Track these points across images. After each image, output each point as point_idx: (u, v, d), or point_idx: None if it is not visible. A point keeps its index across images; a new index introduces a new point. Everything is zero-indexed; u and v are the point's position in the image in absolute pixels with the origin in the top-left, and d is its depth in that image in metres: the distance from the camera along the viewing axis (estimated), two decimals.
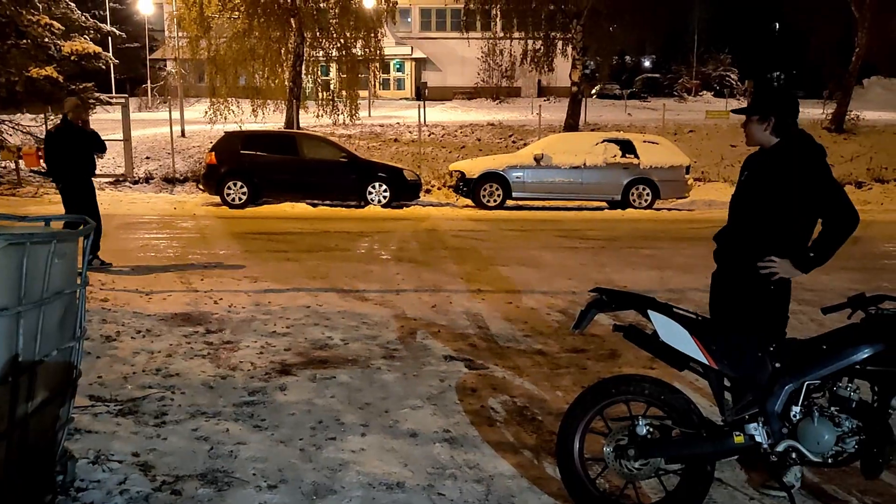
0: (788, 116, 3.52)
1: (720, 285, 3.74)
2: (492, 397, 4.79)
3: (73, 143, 8.76)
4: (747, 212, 3.59)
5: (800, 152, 3.47)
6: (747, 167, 3.69)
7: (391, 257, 10.15)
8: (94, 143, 9.03)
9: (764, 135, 3.55)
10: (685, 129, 27.91)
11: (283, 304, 7.26)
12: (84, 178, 8.91)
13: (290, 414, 4.43)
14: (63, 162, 8.75)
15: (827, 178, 3.43)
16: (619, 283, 8.56)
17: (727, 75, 51.25)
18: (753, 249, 3.51)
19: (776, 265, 3.45)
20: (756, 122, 3.56)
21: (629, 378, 3.24)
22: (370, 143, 24.38)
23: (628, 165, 16.79)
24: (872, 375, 2.92)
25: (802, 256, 3.42)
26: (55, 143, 8.83)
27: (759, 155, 3.64)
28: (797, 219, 3.47)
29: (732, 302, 3.62)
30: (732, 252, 3.64)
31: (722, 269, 3.75)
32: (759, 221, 3.51)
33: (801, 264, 3.43)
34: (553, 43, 28.99)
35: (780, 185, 3.45)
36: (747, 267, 3.52)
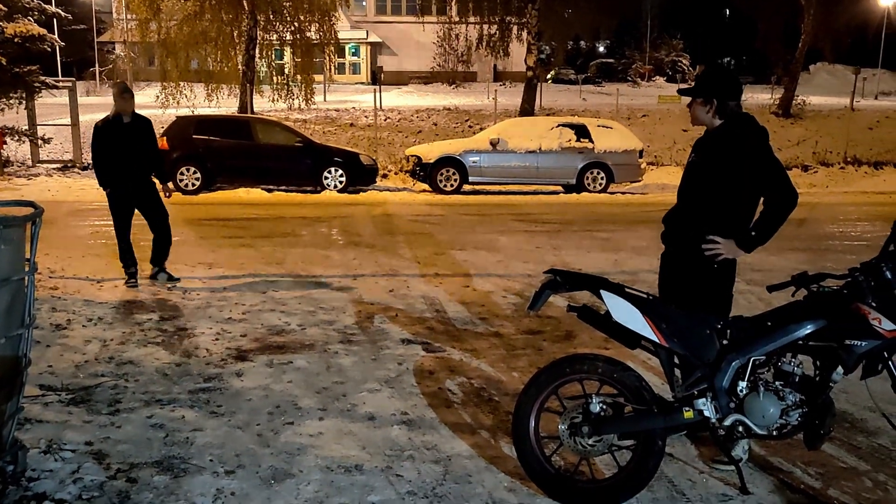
0: (730, 98, 3.57)
1: (668, 266, 3.81)
2: (449, 379, 4.84)
3: (122, 140, 7.19)
4: (692, 194, 3.66)
5: (742, 134, 3.54)
6: (695, 150, 3.76)
7: (348, 242, 10.12)
8: (150, 139, 7.45)
9: (707, 116, 3.61)
10: (639, 113, 28.24)
11: (239, 291, 7.20)
12: (139, 184, 7.33)
13: (247, 399, 4.42)
14: (111, 163, 7.21)
15: (769, 159, 3.50)
16: (574, 265, 8.66)
17: (679, 61, 51.98)
18: (698, 231, 3.58)
19: (720, 246, 3.52)
20: (699, 104, 3.61)
21: (583, 357, 3.31)
22: (326, 128, 24.18)
23: (583, 150, 16.94)
24: (814, 350, 3.02)
25: (745, 236, 3.50)
26: (101, 141, 7.27)
27: (705, 137, 3.71)
28: (740, 199, 3.54)
29: (679, 282, 3.69)
30: (679, 233, 3.71)
31: (669, 251, 3.82)
32: (704, 203, 3.57)
33: (744, 244, 3.50)
34: (508, 27, 29.05)
35: (723, 167, 3.51)
36: (693, 248, 3.59)
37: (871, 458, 3.75)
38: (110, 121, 7.25)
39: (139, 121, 7.37)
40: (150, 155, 7.43)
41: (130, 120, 7.26)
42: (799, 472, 3.58)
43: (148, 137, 7.43)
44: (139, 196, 7.33)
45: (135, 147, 7.24)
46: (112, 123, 7.25)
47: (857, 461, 3.70)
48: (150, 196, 7.41)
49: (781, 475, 3.55)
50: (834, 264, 8.79)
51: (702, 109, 3.61)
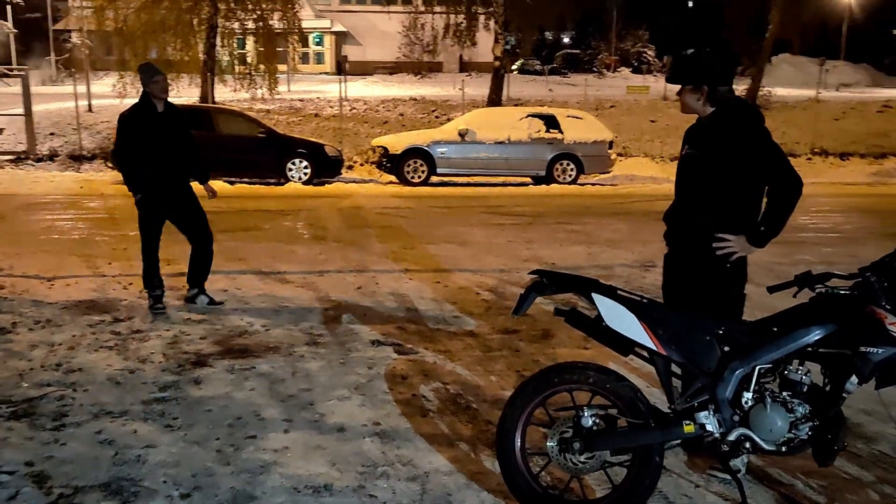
0: (721, 83, 3.33)
1: (674, 268, 3.54)
2: (423, 385, 4.55)
3: (155, 133, 5.90)
4: (693, 188, 3.41)
5: (736, 121, 3.30)
6: (688, 140, 3.50)
7: (314, 237, 9.76)
8: (187, 133, 6.21)
9: (698, 104, 3.36)
10: (606, 104, 28.18)
11: None
12: (175, 189, 6.09)
13: (206, 410, 4.08)
14: (142, 162, 5.88)
15: (767, 145, 3.26)
16: (548, 259, 8.44)
17: (645, 52, 52.06)
18: (704, 228, 3.33)
19: (732, 243, 3.29)
20: (689, 91, 3.36)
21: (572, 366, 3.04)
22: (290, 119, 23.68)
23: (552, 140, 16.72)
24: (824, 358, 2.79)
25: (755, 231, 3.27)
26: (129, 134, 5.92)
27: (697, 126, 3.46)
28: (743, 191, 3.30)
29: (689, 285, 3.43)
30: (684, 232, 3.45)
31: (675, 251, 3.55)
32: (706, 198, 3.33)
33: (755, 239, 3.27)
34: (475, 17, 28.72)
35: (721, 158, 3.27)
36: (702, 247, 3.34)
37: (874, 466, 3.55)
38: (139, 109, 5.96)
39: (174, 110, 6.15)
40: (188, 151, 6.19)
41: (164, 109, 5.99)
42: (801, 485, 3.36)
43: (185, 130, 6.20)
44: (174, 203, 6.08)
45: (170, 142, 5.96)
46: (141, 112, 5.94)
47: (859, 471, 3.50)
48: (189, 203, 6.18)
49: (783, 489, 3.33)
50: (810, 256, 8.68)
51: (692, 97, 3.35)
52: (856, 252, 8.99)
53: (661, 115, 27.07)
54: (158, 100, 5.94)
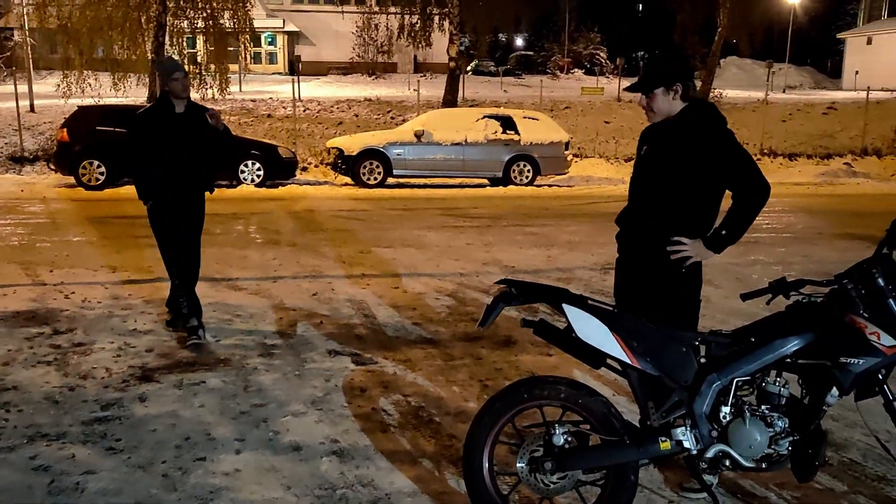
0: (691, 79, 3.25)
1: (626, 273, 3.44)
2: (383, 397, 4.36)
3: (174, 136, 5.29)
4: (651, 189, 3.27)
5: (700, 120, 3.18)
6: (646, 140, 3.36)
7: (267, 241, 9.49)
8: (219, 143, 5.53)
9: (673, 104, 3.21)
10: (561, 105, 28.26)
11: (145, 297, 6.55)
12: (188, 198, 5.47)
13: (151, 430, 3.84)
14: (156, 167, 5.30)
15: (733, 147, 3.15)
16: (507, 262, 8.32)
17: (597, 54, 52.53)
18: (659, 231, 3.21)
19: (687, 247, 3.16)
20: (662, 93, 3.20)
21: (542, 381, 2.89)
22: (242, 119, 23.20)
23: (509, 142, 16.65)
24: (802, 369, 2.69)
25: (714, 235, 3.15)
26: (144, 136, 5.35)
27: (659, 126, 3.30)
28: (703, 194, 3.18)
29: (641, 290, 3.31)
30: (637, 235, 3.33)
31: (627, 255, 3.45)
32: (665, 200, 3.20)
33: (713, 244, 3.15)
34: (430, 17, 28.59)
35: (683, 157, 3.15)
36: (655, 251, 3.22)
37: (845, 476, 3.46)
38: (156, 109, 5.38)
39: (196, 112, 5.41)
40: (206, 158, 5.55)
41: (184, 110, 5.36)
42: (774, 497, 3.25)
43: (206, 134, 5.44)
44: (182, 212, 5.47)
45: (187, 146, 5.33)
46: (159, 113, 5.35)
47: (831, 480, 3.41)
48: (196, 216, 5.58)
49: (756, 501, 3.23)
50: (764, 257, 8.72)
51: (665, 98, 3.19)
52: (808, 252, 9.06)
53: (616, 117, 27.26)
54: (179, 100, 5.30)
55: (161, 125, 5.31)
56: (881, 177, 20.33)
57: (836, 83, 46.70)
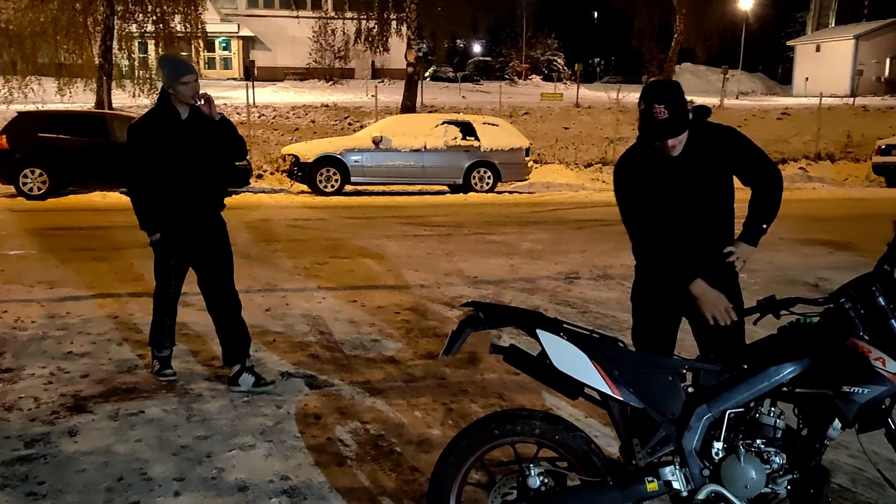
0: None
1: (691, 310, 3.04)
2: (339, 425, 4.03)
3: (178, 149, 4.36)
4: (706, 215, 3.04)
5: (719, 133, 3.03)
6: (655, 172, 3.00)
7: None
8: (226, 144, 4.53)
9: (683, 138, 2.95)
10: (520, 111, 28.20)
11: (84, 316, 6.12)
12: (202, 225, 4.55)
13: (80, 471, 3.45)
14: (157, 189, 4.39)
15: (751, 142, 3.06)
16: (469, 273, 8.04)
17: (554, 60, 52.77)
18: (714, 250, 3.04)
19: (737, 253, 3.01)
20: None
21: (515, 415, 2.60)
22: None
23: (469, 148, 16.42)
24: (800, 398, 2.45)
25: (755, 231, 3.03)
26: (141, 151, 4.39)
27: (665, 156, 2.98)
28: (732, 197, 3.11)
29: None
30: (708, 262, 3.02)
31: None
32: (722, 219, 3.06)
33: (753, 240, 3.04)
34: (387, 22, 28.29)
35: (722, 170, 3.02)
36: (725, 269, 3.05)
37: (835, 502, 3.25)
38: (157, 117, 4.40)
39: (202, 118, 4.40)
40: (219, 173, 4.67)
41: (189, 115, 4.41)
42: None
43: (216, 145, 4.49)
44: (197, 242, 4.54)
45: (201, 159, 4.42)
46: (160, 121, 4.38)
47: None
48: (216, 244, 4.61)
49: None
50: None
51: (683, 137, 2.93)
52: (772, 259, 8.96)
53: (574, 123, 27.28)
54: (184, 106, 4.38)
55: (164, 135, 4.32)
56: (835, 181, 20.59)
57: (786, 89, 47.61)
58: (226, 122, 4.46)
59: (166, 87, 4.37)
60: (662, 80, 3.00)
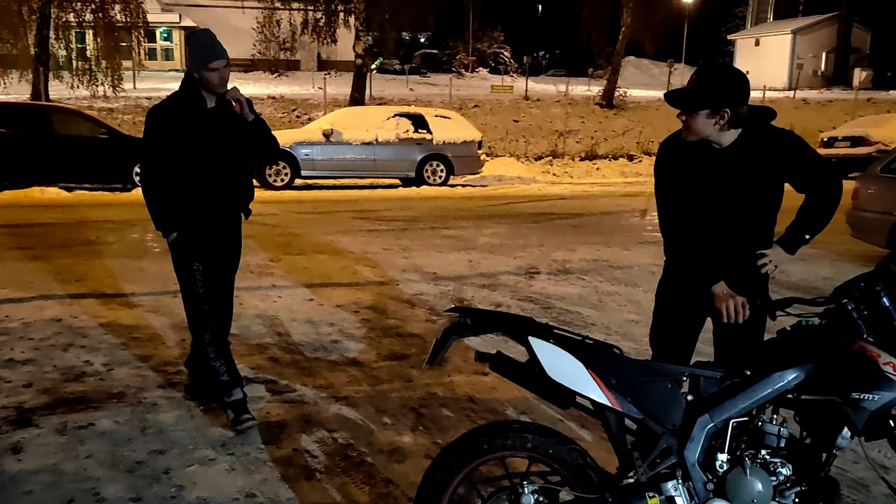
0: (743, 103, 2.78)
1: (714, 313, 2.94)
2: (305, 434, 3.83)
3: (203, 141, 3.88)
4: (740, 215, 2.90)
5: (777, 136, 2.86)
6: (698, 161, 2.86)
7: (166, 250, 8.65)
8: (257, 143, 4.04)
9: (714, 129, 2.78)
10: (469, 104, 28.09)
11: (24, 319, 5.76)
12: (226, 225, 4.10)
13: (26, 493, 3.18)
14: (177, 185, 3.90)
15: (810, 149, 2.90)
16: (427, 269, 7.88)
17: (501, 52, 52.81)
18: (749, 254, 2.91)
19: (771, 257, 2.88)
20: (705, 116, 2.75)
21: (505, 428, 2.44)
22: (137, 118, 21.89)
23: (421, 141, 16.23)
24: (804, 406, 2.34)
25: (796, 239, 2.88)
26: (159, 141, 3.87)
27: (712, 153, 2.85)
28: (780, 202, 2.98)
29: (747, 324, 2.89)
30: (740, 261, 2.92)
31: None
32: (760, 218, 2.93)
33: (792, 247, 2.90)
34: (334, 13, 27.83)
35: (775, 178, 2.86)
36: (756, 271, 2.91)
37: None
38: (180, 102, 3.90)
39: (228, 106, 3.92)
40: (244, 170, 4.19)
41: (216, 104, 3.93)
42: None
43: (243, 136, 3.98)
44: (217, 244, 4.06)
45: (227, 154, 3.95)
46: (183, 108, 3.88)
47: None
48: (233, 248, 4.18)
49: None
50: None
51: (707, 122, 2.75)
52: None
53: (524, 115, 27.30)
54: (211, 94, 3.89)
55: (187, 124, 3.84)
56: None
57: None
58: (259, 121, 4.01)
59: (192, 70, 3.86)
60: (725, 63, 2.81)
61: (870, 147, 17.78)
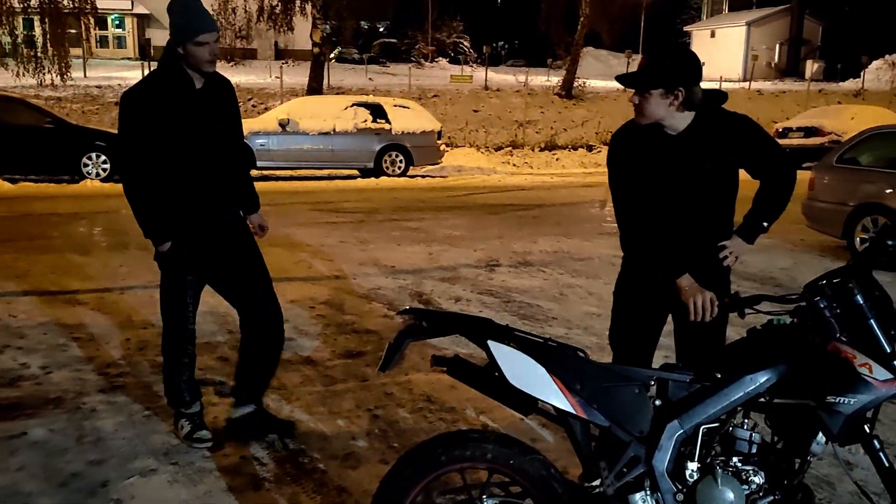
0: (697, 83, 2.68)
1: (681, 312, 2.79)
2: (254, 440, 3.63)
3: (192, 127, 3.34)
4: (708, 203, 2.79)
5: (731, 120, 2.77)
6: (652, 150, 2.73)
7: (114, 244, 8.40)
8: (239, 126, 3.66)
9: (669, 111, 2.66)
10: (429, 93, 27.88)
11: None
12: (221, 226, 3.51)
13: None
14: (170, 173, 3.34)
15: (767, 133, 2.83)
16: (386, 262, 7.70)
17: (461, 42, 52.62)
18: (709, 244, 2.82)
19: (731, 248, 2.80)
20: (659, 96, 2.62)
21: (463, 438, 2.28)
22: (86, 107, 21.35)
23: (380, 131, 15.99)
24: (775, 409, 2.23)
25: (755, 228, 2.81)
26: (142, 127, 3.28)
27: (665, 139, 2.73)
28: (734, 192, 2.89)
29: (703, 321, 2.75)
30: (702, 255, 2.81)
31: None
32: (723, 209, 2.84)
33: (751, 237, 2.82)
34: (292, 1, 27.31)
35: (732, 163, 2.78)
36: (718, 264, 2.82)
37: None
38: (162, 83, 3.33)
39: (222, 88, 3.54)
40: (241, 160, 3.70)
41: (205, 84, 3.41)
42: None
43: (236, 121, 3.61)
44: (217, 250, 3.49)
45: (216, 142, 3.42)
46: (168, 90, 3.31)
47: None
48: (246, 249, 3.62)
49: None
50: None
51: (661, 103, 2.63)
52: None
53: (484, 105, 27.18)
54: (199, 72, 3.35)
55: (172, 110, 3.28)
56: None
57: None
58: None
59: (175, 44, 3.28)
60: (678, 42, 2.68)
61: (823, 137, 18.04)
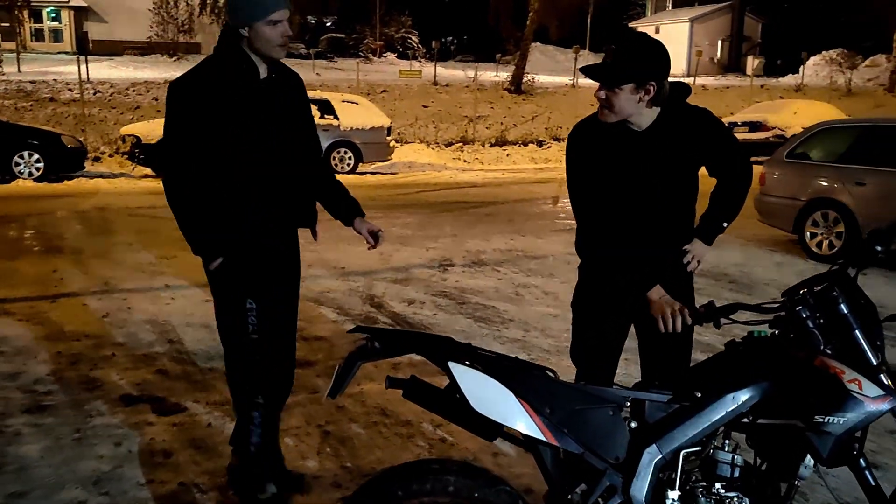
0: (667, 76, 2.52)
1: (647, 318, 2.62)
2: (194, 464, 3.37)
3: (254, 125, 2.78)
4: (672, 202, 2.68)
5: (693, 114, 2.63)
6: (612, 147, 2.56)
7: (46, 248, 7.96)
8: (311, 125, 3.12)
9: (638, 107, 2.49)
10: (378, 89, 27.58)
11: None
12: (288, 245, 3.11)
13: None
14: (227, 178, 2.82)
15: (729, 131, 2.75)
16: (336, 263, 7.46)
17: (409, 37, 52.31)
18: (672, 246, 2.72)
19: (693, 252, 2.70)
20: (630, 91, 2.45)
21: (423, 469, 2.06)
22: (19, 103, 20.49)
23: (328, 127, 15.65)
24: (758, 430, 2.07)
25: (713, 228, 2.71)
26: (193, 117, 2.76)
27: (629, 135, 2.56)
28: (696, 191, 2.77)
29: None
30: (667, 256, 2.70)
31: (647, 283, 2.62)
32: (684, 212, 2.72)
33: (710, 238, 2.73)
34: None
35: (694, 162, 2.67)
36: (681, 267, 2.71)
37: None
38: (219, 72, 2.77)
39: (290, 79, 2.99)
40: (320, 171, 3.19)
41: (270, 74, 2.84)
42: None
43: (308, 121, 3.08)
44: (272, 265, 2.99)
45: (285, 143, 2.88)
46: (227, 80, 2.76)
47: None
48: (292, 278, 3.18)
49: None
50: None
51: (631, 99, 2.45)
52: None
53: (434, 101, 26.99)
54: (267, 59, 2.79)
55: (233, 103, 2.74)
56: None
57: None
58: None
59: (238, 24, 2.71)
60: (644, 34, 2.54)
61: (767, 132, 18.31)
